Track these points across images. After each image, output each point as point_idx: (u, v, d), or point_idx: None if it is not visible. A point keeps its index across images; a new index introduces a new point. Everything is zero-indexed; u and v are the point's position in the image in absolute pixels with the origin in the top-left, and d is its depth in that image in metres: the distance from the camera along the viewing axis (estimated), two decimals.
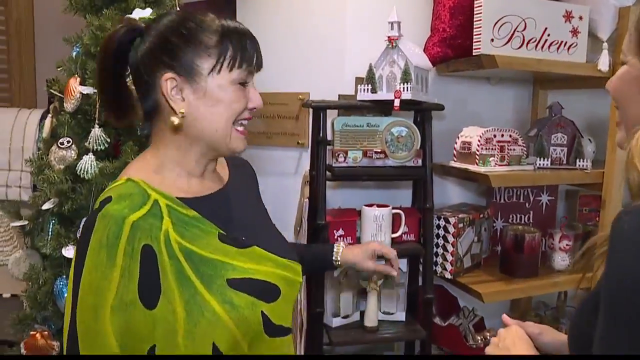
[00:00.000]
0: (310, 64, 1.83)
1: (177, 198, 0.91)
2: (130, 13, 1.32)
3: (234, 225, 0.98)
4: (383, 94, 1.56)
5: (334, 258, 1.32)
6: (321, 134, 1.57)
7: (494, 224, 1.93)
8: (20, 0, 2.47)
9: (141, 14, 0.96)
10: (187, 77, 0.89)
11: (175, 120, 0.89)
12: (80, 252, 0.84)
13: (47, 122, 1.54)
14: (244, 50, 0.92)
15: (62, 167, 1.45)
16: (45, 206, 1.42)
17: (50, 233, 1.42)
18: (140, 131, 1.44)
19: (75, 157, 1.44)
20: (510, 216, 1.93)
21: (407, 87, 1.49)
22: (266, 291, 0.94)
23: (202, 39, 0.90)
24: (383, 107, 1.63)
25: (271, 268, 0.97)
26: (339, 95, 1.75)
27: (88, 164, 1.41)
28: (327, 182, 1.59)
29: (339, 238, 1.62)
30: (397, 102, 1.51)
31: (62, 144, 1.45)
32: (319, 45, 1.81)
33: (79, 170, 1.41)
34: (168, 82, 0.89)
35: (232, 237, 0.95)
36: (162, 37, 0.90)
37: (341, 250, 1.32)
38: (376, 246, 1.36)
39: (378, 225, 1.58)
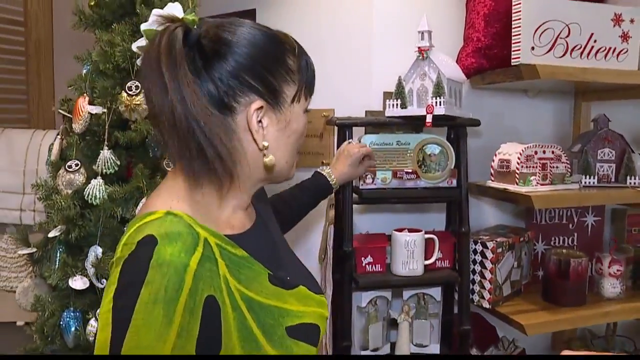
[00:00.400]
0: (335, 78, 1.72)
1: (225, 235, 0.79)
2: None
3: (275, 262, 0.88)
4: (414, 109, 1.44)
5: (332, 185, 1.32)
6: None
7: (535, 247, 1.78)
8: (40, 21, 2.43)
9: (175, 9, 0.82)
10: (274, 105, 0.80)
11: (268, 158, 0.79)
12: (125, 306, 0.66)
13: (56, 143, 1.46)
14: (313, 76, 0.87)
15: (69, 191, 1.36)
16: (52, 234, 1.33)
17: (57, 262, 1.33)
18: (152, 152, 1.35)
19: (84, 181, 1.35)
20: (553, 238, 1.78)
21: (440, 102, 1.37)
22: (314, 334, 0.86)
23: (287, 61, 0.81)
24: (414, 124, 1.51)
25: (315, 308, 0.89)
26: (366, 111, 1.63)
27: (96, 189, 1.32)
28: (354, 206, 1.47)
29: (367, 266, 1.49)
30: (429, 118, 1.39)
31: (70, 167, 1.36)
32: (344, 58, 1.70)
33: (86, 196, 1.32)
34: (257, 111, 0.78)
35: (279, 277, 0.85)
36: (248, 56, 0.77)
37: (333, 175, 1.32)
38: (355, 151, 1.35)
39: (410, 251, 1.45)
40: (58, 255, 1.34)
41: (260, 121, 0.78)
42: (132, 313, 0.65)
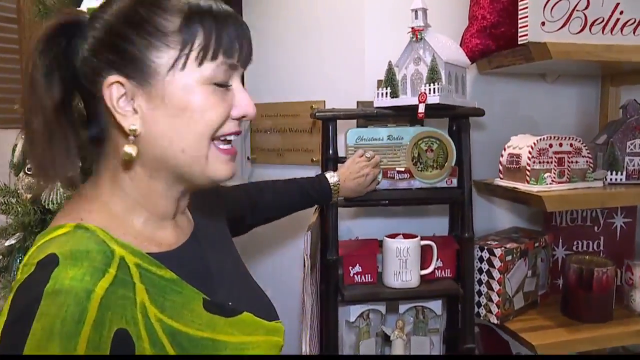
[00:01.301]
0: (326, 67, 1.56)
1: (148, 254, 0.66)
2: None
3: (214, 284, 0.75)
4: (407, 99, 1.26)
5: (332, 197, 1.22)
6: (331, 150, 1.30)
7: (554, 253, 1.57)
8: (33, 19, 2.36)
9: (90, 3, 0.71)
10: (139, 79, 0.63)
11: (129, 149, 0.64)
12: (13, 344, 0.54)
13: (20, 144, 1.35)
14: (220, 37, 0.65)
15: (29, 196, 1.25)
16: (8, 242, 1.22)
17: (13, 273, 1.22)
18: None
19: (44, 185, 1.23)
20: (575, 243, 1.57)
21: (435, 89, 1.19)
22: None
23: (158, 23, 0.63)
24: (408, 116, 1.34)
25: (262, 336, 0.76)
26: (357, 102, 1.46)
27: (55, 193, 1.20)
28: (347, 210, 1.32)
29: (355, 276, 1.33)
30: (421, 108, 1.21)
31: (29, 169, 1.25)
32: (335, 45, 1.54)
33: (43, 200, 1.20)
34: (113, 87, 0.63)
35: (218, 303, 0.72)
36: (107, 28, 0.64)
37: (339, 187, 1.22)
38: (363, 167, 1.24)
39: (402, 260, 1.28)
40: (14, 265, 1.23)
41: (128, 100, 0.64)
42: (22, 353, 0.53)
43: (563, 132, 1.38)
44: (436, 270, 1.35)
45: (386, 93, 1.28)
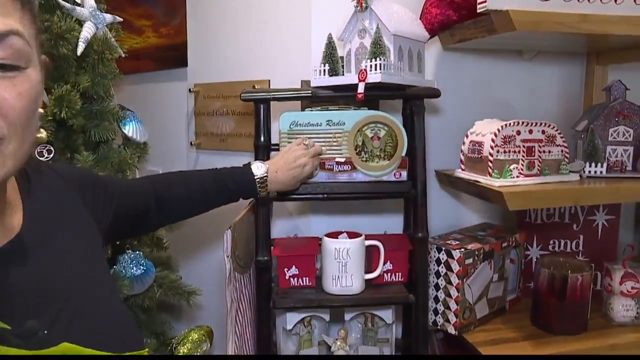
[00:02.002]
0: (269, 43, 1.38)
1: None
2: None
3: (31, 302, 0.59)
4: (350, 77, 1.08)
5: (258, 192, 1.04)
6: (262, 137, 1.13)
7: (528, 253, 1.40)
8: None
9: None
10: None
11: None
12: None
13: None
14: None
15: None
16: None
17: None
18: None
19: None
20: (551, 242, 1.39)
21: (378, 65, 1.01)
22: None
23: None
24: (353, 97, 1.16)
25: None
26: (302, 81, 1.29)
27: None
28: (291, 203, 1.15)
29: (291, 279, 1.17)
30: (360, 88, 1.03)
31: None
32: (279, 18, 1.35)
33: None
34: None
35: (22, 332, 0.56)
36: None
37: (266, 179, 1.03)
38: (300, 157, 1.07)
39: (342, 263, 1.11)
40: None
41: None
42: None
43: (543, 117, 1.19)
44: (385, 274, 1.18)
45: (324, 70, 1.10)
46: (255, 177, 1.01)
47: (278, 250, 1.17)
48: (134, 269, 1.28)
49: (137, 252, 1.29)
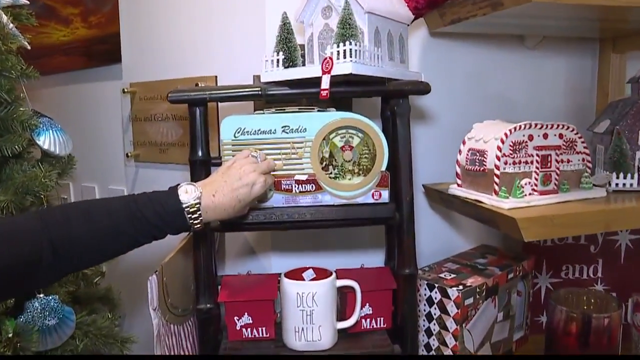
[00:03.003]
0: (216, 33, 1.12)
1: None
2: None
3: None
4: (313, 68, 0.82)
5: (192, 225, 0.73)
6: (200, 150, 0.86)
7: (536, 281, 1.16)
8: None
9: None
10: None
11: None
12: None
13: None
14: None
15: None
16: None
17: None
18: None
19: None
20: (564, 268, 1.15)
21: (347, 51, 0.76)
22: None
23: None
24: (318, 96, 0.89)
25: None
26: (254, 76, 1.03)
27: None
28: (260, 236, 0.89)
29: (243, 330, 0.91)
30: (325, 82, 0.78)
31: None
32: (227, 3, 1.09)
33: None
34: None
35: None
36: None
37: (203, 204, 0.74)
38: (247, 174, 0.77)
39: (306, 312, 0.85)
40: None
41: None
42: None
43: (548, 117, 0.96)
44: (363, 320, 0.93)
45: (277, 61, 0.84)
46: (184, 205, 0.73)
47: (226, 294, 0.90)
48: (47, 318, 1.00)
49: (51, 296, 1.02)
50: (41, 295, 1.01)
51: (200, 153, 0.86)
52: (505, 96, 1.18)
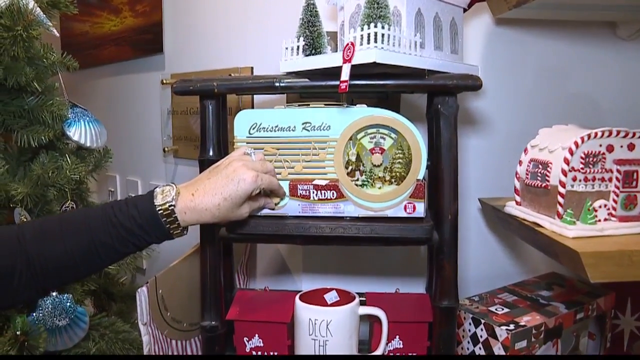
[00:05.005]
0: (252, 24, 1.03)
1: None
2: None
3: None
4: (335, 56, 0.70)
5: (170, 231, 0.64)
6: (211, 147, 0.77)
7: (617, 322, 0.95)
8: None
9: None
10: None
11: None
12: None
13: None
14: None
15: None
16: None
17: None
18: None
19: None
20: None
21: (373, 35, 0.63)
22: None
23: None
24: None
25: None
26: None
27: None
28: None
29: (253, 352, 0.80)
30: (344, 73, 0.65)
31: None
32: None
33: None
34: None
35: None
36: None
37: (173, 208, 0.63)
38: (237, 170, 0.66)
39: (319, 341, 0.73)
40: None
41: None
42: None
43: None
44: (391, 354, 0.79)
45: (298, 48, 0.72)
46: (157, 208, 0.63)
47: (236, 311, 0.81)
48: (57, 318, 0.96)
49: (65, 295, 0.97)
50: (54, 294, 0.97)
51: (211, 152, 0.77)
52: (589, 97, 0.98)
